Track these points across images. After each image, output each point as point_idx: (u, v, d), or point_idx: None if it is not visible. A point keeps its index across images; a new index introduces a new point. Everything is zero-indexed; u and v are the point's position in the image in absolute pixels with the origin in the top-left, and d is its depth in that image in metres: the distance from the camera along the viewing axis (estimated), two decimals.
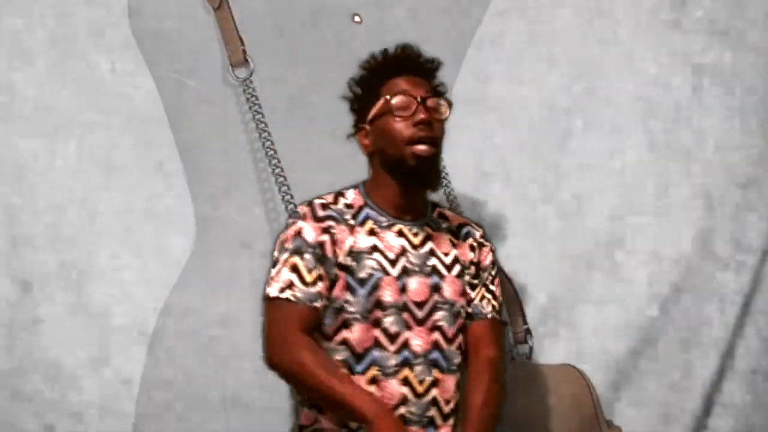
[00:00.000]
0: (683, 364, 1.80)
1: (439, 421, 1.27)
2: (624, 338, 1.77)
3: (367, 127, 1.33)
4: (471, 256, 1.37)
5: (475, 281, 1.36)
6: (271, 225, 1.67)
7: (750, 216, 1.84)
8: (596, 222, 1.80)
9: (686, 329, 1.80)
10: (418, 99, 1.28)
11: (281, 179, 1.62)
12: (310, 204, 1.32)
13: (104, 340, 1.66)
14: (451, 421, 1.29)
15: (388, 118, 1.29)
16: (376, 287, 1.26)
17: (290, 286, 1.25)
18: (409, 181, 1.30)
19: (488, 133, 1.79)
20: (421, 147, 1.27)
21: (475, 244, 1.38)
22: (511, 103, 1.80)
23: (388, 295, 1.26)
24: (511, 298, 1.61)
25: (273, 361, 1.25)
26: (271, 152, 1.63)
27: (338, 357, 1.26)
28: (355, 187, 1.36)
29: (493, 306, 1.36)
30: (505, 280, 1.60)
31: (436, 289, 1.29)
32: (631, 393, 1.77)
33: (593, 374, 1.57)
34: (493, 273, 1.39)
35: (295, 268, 1.26)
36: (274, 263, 1.29)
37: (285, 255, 1.27)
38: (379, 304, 1.26)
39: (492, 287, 1.38)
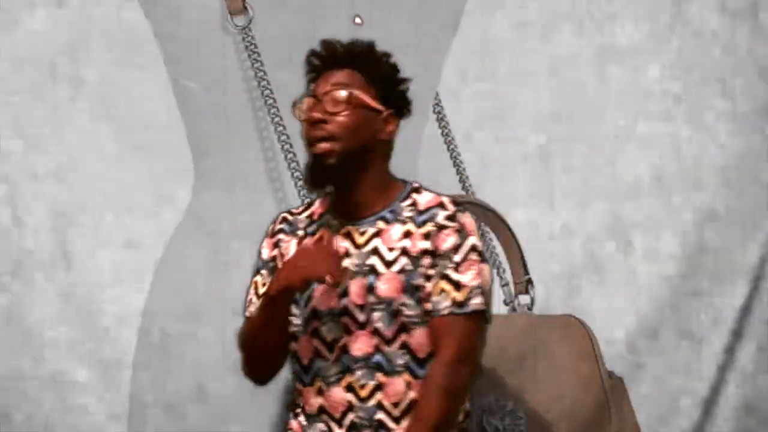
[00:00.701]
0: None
1: (391, 424, 1.23)
2: None
3: None
4: (425, 244, 1.25)
5: (432, 272, 1.24)
6: (270, 175, 1.66)
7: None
8: None
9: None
10: (316, 96, 1.25)
11: (281, 128, 1.61)
12: (273, 220, 1.36)
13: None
14: (405, 423, 1.23)
15: (296, 113, 1.29)
16: (311, 297, 1.26)
17: (250, 303, 1.31)
18: (319, 182, 1.27)
19: None
20: (317, 149, 1.23)
21: (433, 228, 1.25)
22: None
23: (323, 302, 1.25)
24: (512, 248, 1.57)
25: (246, 373, 1.32)
26: (271, 101, 1.61)
27: (293, 370, 1.29)
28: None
29: (454, 299, 1.22)
30: (507, 232, 1.55)
31: (370, 289, 1.23)
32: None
33: None
34: (457, 258, 1.24)
35: (255, 286, 1.32)
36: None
37: (252, 277, 1.33)
38: (315, 313, 1.25)
39: (455, 275, 1.23)
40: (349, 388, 1.23)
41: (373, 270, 1.24)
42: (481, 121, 1.89)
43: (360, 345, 1.23)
